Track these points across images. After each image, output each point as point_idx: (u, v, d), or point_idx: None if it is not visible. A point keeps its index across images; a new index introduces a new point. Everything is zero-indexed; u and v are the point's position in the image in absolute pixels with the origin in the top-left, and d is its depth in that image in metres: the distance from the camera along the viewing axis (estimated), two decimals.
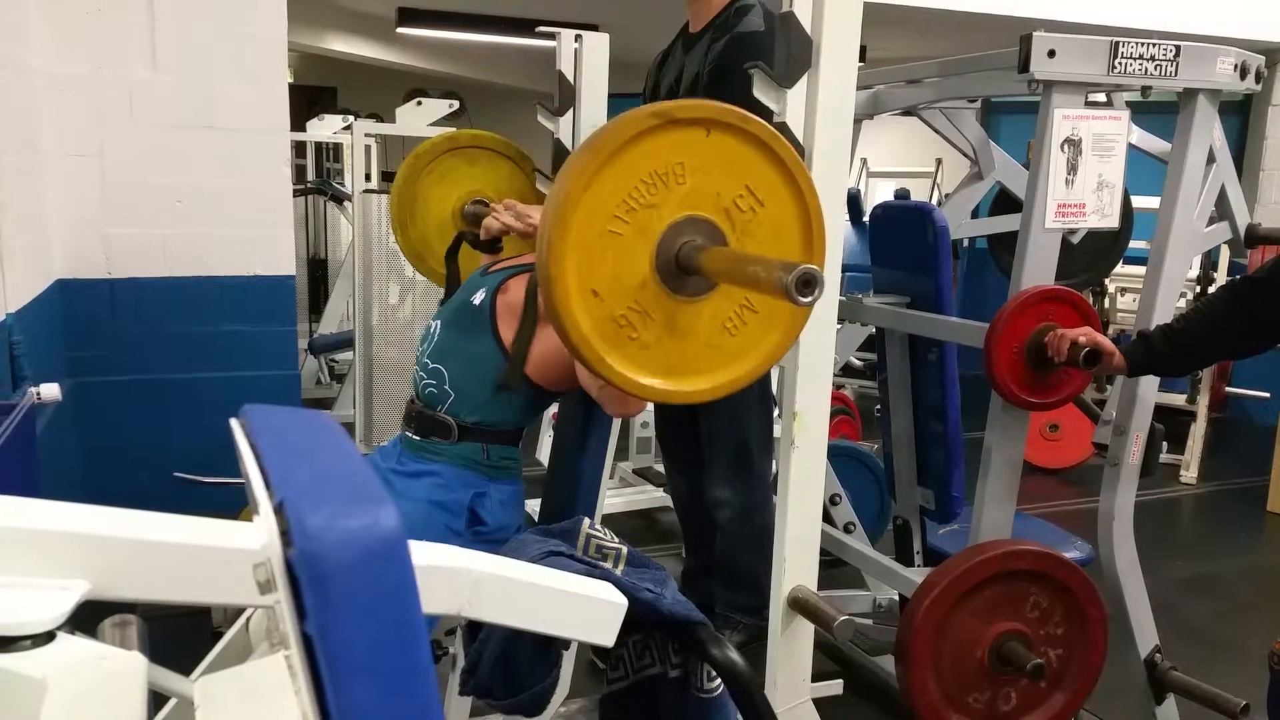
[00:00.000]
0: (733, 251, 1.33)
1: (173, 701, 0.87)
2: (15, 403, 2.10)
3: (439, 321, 2.08)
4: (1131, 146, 2.29)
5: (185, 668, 0.88)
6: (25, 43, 2.81)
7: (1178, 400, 5.44)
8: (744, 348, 1.41)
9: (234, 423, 0.68)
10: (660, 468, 4.22)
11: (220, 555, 0.61)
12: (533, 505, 2.70)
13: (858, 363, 5.90)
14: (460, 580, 0.94)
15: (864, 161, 8.06)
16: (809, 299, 1.11)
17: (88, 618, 0.72)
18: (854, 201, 6.50)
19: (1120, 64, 2.07)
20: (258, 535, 0.57)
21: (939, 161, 7.64)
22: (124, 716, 0.62)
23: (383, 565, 0.49)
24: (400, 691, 0.50)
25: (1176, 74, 2.12)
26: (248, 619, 0.95)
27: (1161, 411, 2.38)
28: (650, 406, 3.55)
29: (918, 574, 2.40)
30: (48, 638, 0.66)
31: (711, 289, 1.36)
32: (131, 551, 0.63)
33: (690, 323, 1.36)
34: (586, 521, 1.50)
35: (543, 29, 2.78)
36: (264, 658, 0.74)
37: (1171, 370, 2.24)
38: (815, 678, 2.03)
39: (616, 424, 2.29)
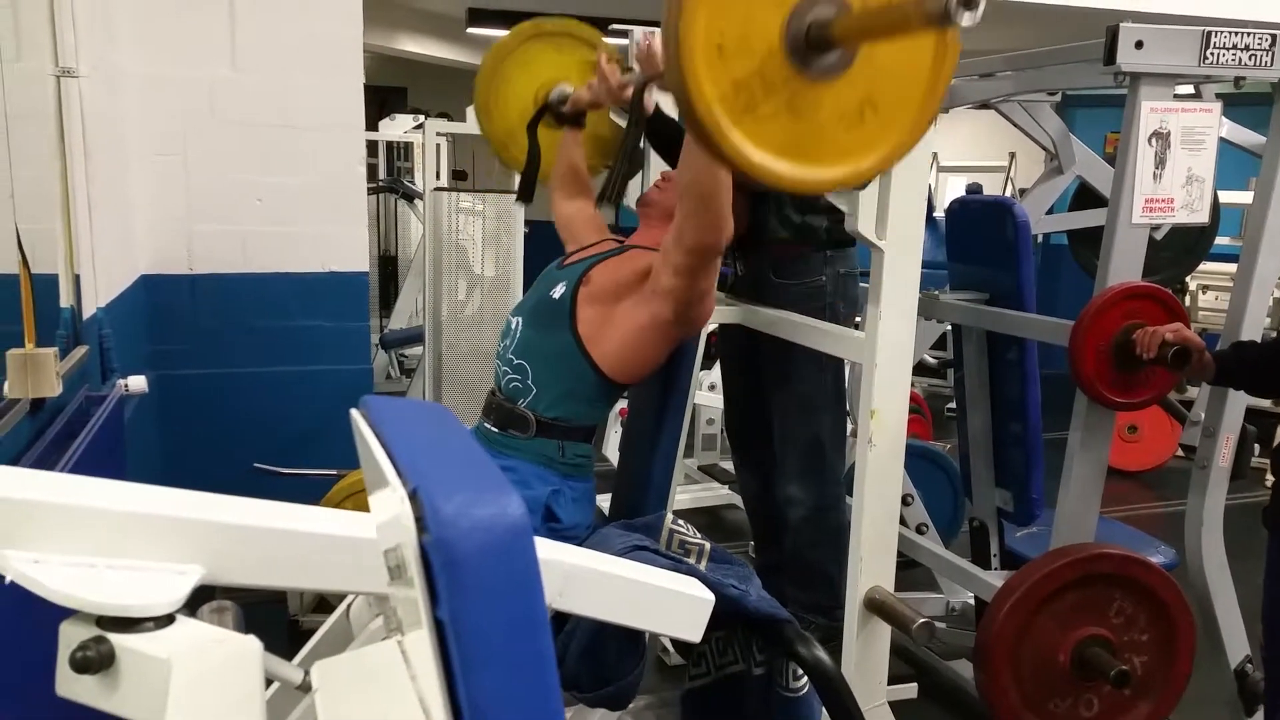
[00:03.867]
0: (866, 4, 1.22)
1: (275, 685, 0.89)
2: (106, 394, 2.16)
3: (519, 318, 2.09)
4: (1221, 140, 2.22)
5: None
6: (114, 45, 2.89)
7: (1266, 402, 5.27)
8: (862, 143, 1.31)
9: (354, 413, 0.69)
10: (726, 465, 4.20)
11: (347, 544, 0.62)
12: (601, 500, 2.71)
13: (930, 360, 5.82)
14: (551, 573, 0.94)
15: (935, 156, 7.95)
16: (970, 18, 1.00)
17: None
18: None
19: (1213, 54, 2.01)
20: (379, 523, 0.57)
21: (1012, 155, 7.50)
22: (244, 696, 0.63)
23: (512, 552, 0.50)
24: (527, 675, 0.51)
25: (1273, 63, 2.05)
26: (348, 606, 0.97)
27: (1250, 413, 2.31)
28: (720, 406, 3.53)
29: (997, 577, 2.36)
30: (168, 620, 0.68)
31: (838, 74, 1.26)
32: (252, 539, 0.65)
33: (812, 108, 1.27)
34: (670, 516, 1.50)
35: (617, 27, 2.78)
36: (374, 643, 0.76)
37: (1260, 388, 2.12)
38: (889, 680, 2.01)
39: (687, 420, 2.29)
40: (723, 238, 1.81)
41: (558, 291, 2.02)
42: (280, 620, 2.96)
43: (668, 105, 2.40)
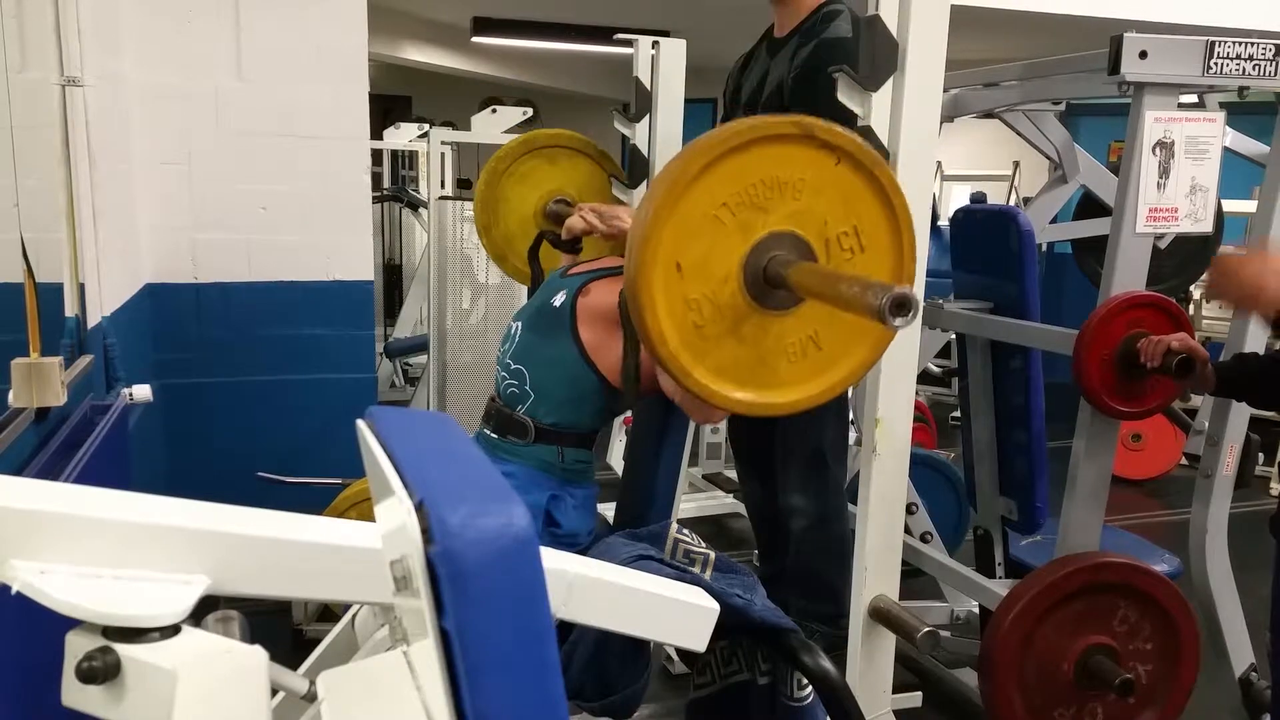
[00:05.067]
0: (824, 267, 1.32)
1: (281, 695, 0.89)
2: (110, 403, 2.16)
3: (520, 323, 2.10)
4: (1225, 149, 2.22)
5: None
6: (118, 54, 2.90)
7: (1270, 411, 5.26)
8: (804, 375, 1.39)
9: (360, 424, 0.69)
10: (730, 473, 4.20)
11: (352, 554, 0.62)
12: (605, 509, 2.71)
13: (935, 369, 5.81)
14: (556, 582, 0.94)
15: (939, 165, 7.95)
16: (902, 322, 1.09)
17: None
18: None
19: (1216, 64, 2.01)
20: (384, 533, 0.58)
21: (1016, 164, 7.50)
22: (251, 707, 0.63)
23: (518, 563, 0.50)
24: (533, 686, 0.51)
25: (1277, 73, 2.05)
26: (353, 616, 0.97)
27: (1254, 422, 2.31)
28: None
29: (1001, 586, 2.36)
30: (174, 630, 0.68)
31: (788, 310, 1.35)
32: (257, 548, 0.65)
33: (756, 335, 1.36)
34: (674, 525, 1.50)
35: (621, 36, 2.79)
36: (380, 654, 0.76)
37: (1261, 400, 2.09)
38: (893, 689, 2.00)
39: (691, 429, 2.29)
40: (716, 421, 1.89)
41: (558, 299, 2.02)
42: (285, 630, 2.96)
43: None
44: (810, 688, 1.39)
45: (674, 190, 1.25)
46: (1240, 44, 2.01)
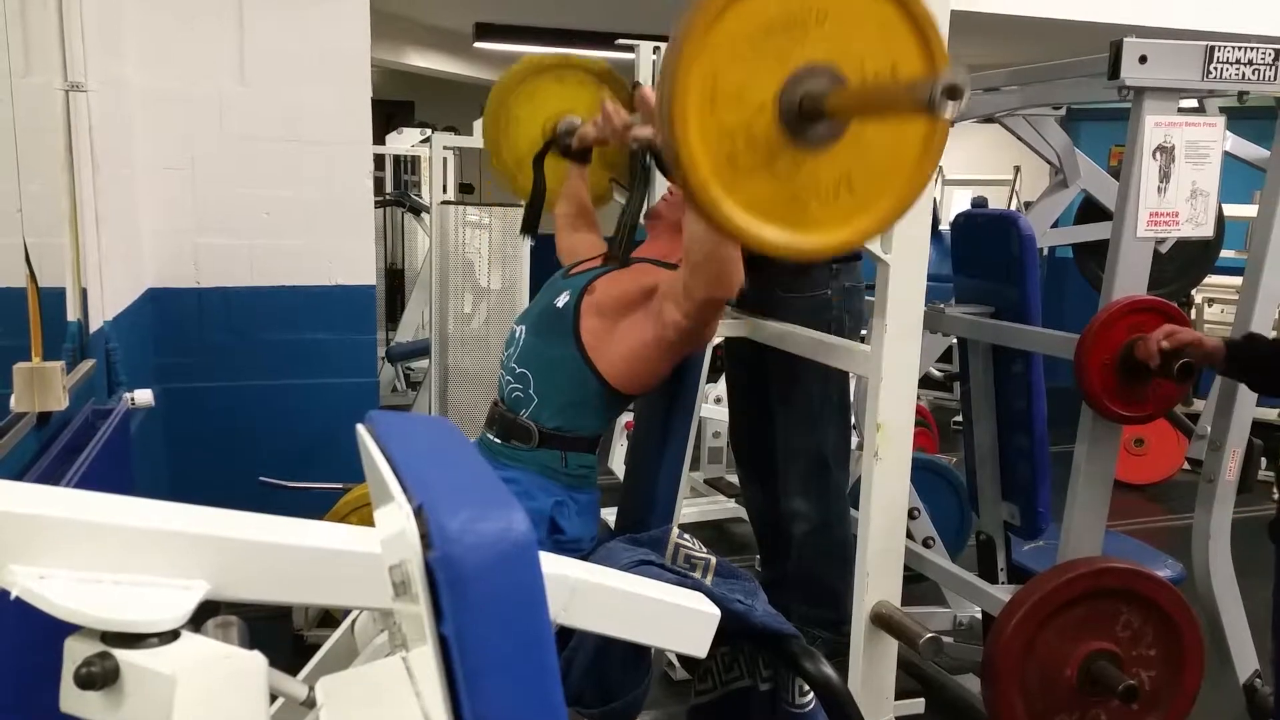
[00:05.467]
0: (862, 85, 1.27)
1: (280, 701, 0.88)
2: (112, 407, 2.17)
3: (523, 326, 2.09)
4: (1226, 154, 2.22)
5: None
6: (121, 59, 2.90)
7: (1272, 415, 5.26)
8: (835, 218, 1.35)
9: (360, 429, 0.69)
10: (732, 478, 4.19)
11: (352, 559, 0.62)
12: (606, 513, 2.70)
13: (936, 373, 5.81)
14: (556, 588, 0.94)
15: (940, 169, 7.94)
16: (954, 109, 1.05)
17: None
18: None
19: (1216, 69, 2.02)
20: (383, 538, 0.57)
21: (1017, 169, 7.50)
22: (250, 713, 0.63)
23: (517, 568, 0.50)
24: (532, 692, 0.51)
25: (1276, 78, 2.05)
26: (353, 622, 0.97)
27: (1258, 426, 2.31)
28: (726, 419, 3.53)
29: (1004, 591, 2.36)
30: (173, 635, 0.68)
31: (823, 147, 1.31)
32: (257, 554, 0.65)
33: (791, 174, 1.31)
34: (675, 531, 1.50)
35: (623, 41, 2.79)
36: (379, 659, 0.76)
37: (1267, 384, 2.05)
38: (895, 695, 2.00)
39: (692, 433, 2.29)
40: (732, 289, 1.81)
41: (561, 300, 2.02)
42: (284, 635, 2.96)
43: None
44: (812, 694, 1.39)
45: (713, 6, 1.20)
46: (1240, 49, 2.01)
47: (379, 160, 6.56)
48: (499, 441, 2.02)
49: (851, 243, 1.38)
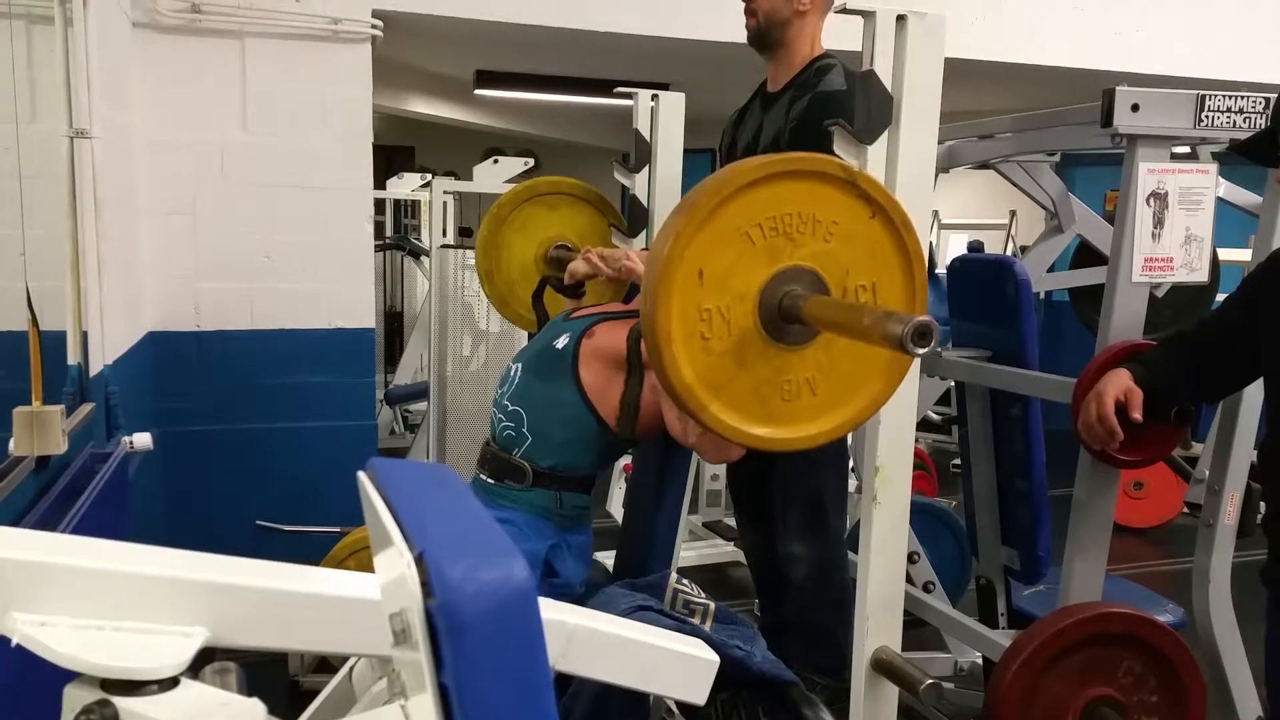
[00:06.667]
0: (840, 300, 1.34)
1: None
2: (111, 451, 2.17)
3: (519, 364, 2.10)
4: (1219, 200, 2.25)
5: None
6: (126, 106, 2.94)
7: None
8: (796, 415, 1.41)
9: (361, 476, 0.70)
10: (730, 521, 4.18)
11: (352, 606, 0.63)
12: (605, 557, 2.69)
13: (934, 416, 5.81)
14: (555, 634, 0.94)
15: (935, 214, 8.00)
16: (924, 350, 1.11)
17: None
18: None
19: (1208, 117, 2.04)
20: (383, 584, 0.58)
21: (1013, 214, 7.56)
22: None
23: (517, 617, 0.50)
24: None
25: (1267, 126, 2.08)
26: (351, 668, 0.96)
27: (1255, 470, 2.30)
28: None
29: (1004, 636, 2.34)
30: (172, 683, 0.68)
31: (793, 347, 1.36)
32: (257, 601, 0.65)
33: (758, 364, 1.37)
34: (673, 576, 1.50)
35: (621, 89, 2.84)
36: (378, 707, 0.75)
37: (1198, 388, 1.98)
38: None
39: (691, 476, 2.29)
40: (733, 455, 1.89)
41: (561, 342, 2.03)
42: (281, 681, 2.93)
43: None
44: None
45: (718, 195, 1.27)
46: (1230, 98, 2.04)
47: (379, 204, 6.61)
48: (492, 482, 2.02)
49: (831, 435, 1.45)
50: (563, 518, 1.98)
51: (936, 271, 5.52)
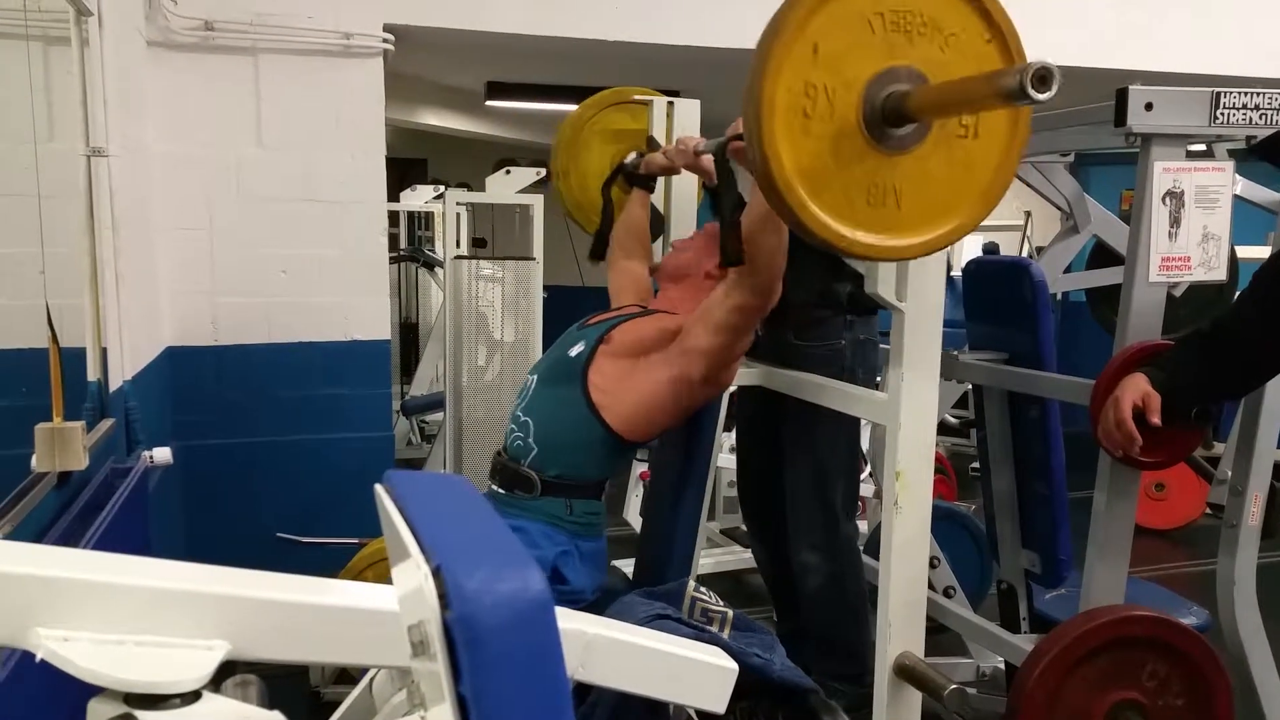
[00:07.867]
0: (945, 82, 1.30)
1: None
2: (131, 466, 2.18)
3: (535, 376, 2.11)
4: (1236, 197, 2.23)
5: None
6: (142, 124, 2.97)
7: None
8: (883, 222, 1.37)
9: (379, 488, 0.70)
10: None
11: (371, 618, 0.63)
12: (625, 564, 2.69)
13: (952, 420, 5.78)
14: (573, 643, 0.94)
15: None
16: (1045, 95, 1.06)
17: None
18: None
19: (1223, 114, 2.03)
20: (401, 596, 0.58)
21: (1028, 214, 7.52)
22: None
23: (535, 628, 0.50)
24: None
25: None
26: (371, 680, 0.97)
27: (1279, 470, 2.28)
28: (735, 465, 3.53)
29: (1026, 641, 2.32)
30: (195, 696, 0.68)
31: (891, 153, 1.33)
32: (278, 614, 0.65)
33: (850, 160, 1.33)
34: (692, 584, 1.49)
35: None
36: (398, 718, 0.76)
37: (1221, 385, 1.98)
38: None
39: (709, 483, 2.28)
40: (770, 301, 1.85)
41: (575, 350, 2.03)
42: (302, 693, 2.94)
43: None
44: None
45: None
46: (1246, 94, 2.03)
47: (393, 217, 6.64)
48: (503, 492, 2.02)
49: (904, 254, 1.41)
50: (574, 524, 1.98)
51: (952, 274, 5.50)
